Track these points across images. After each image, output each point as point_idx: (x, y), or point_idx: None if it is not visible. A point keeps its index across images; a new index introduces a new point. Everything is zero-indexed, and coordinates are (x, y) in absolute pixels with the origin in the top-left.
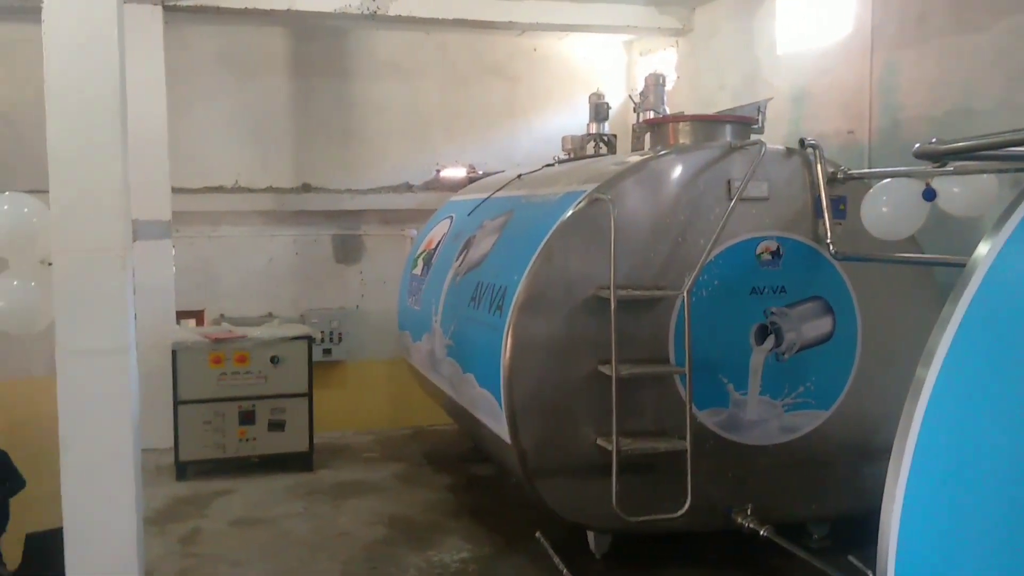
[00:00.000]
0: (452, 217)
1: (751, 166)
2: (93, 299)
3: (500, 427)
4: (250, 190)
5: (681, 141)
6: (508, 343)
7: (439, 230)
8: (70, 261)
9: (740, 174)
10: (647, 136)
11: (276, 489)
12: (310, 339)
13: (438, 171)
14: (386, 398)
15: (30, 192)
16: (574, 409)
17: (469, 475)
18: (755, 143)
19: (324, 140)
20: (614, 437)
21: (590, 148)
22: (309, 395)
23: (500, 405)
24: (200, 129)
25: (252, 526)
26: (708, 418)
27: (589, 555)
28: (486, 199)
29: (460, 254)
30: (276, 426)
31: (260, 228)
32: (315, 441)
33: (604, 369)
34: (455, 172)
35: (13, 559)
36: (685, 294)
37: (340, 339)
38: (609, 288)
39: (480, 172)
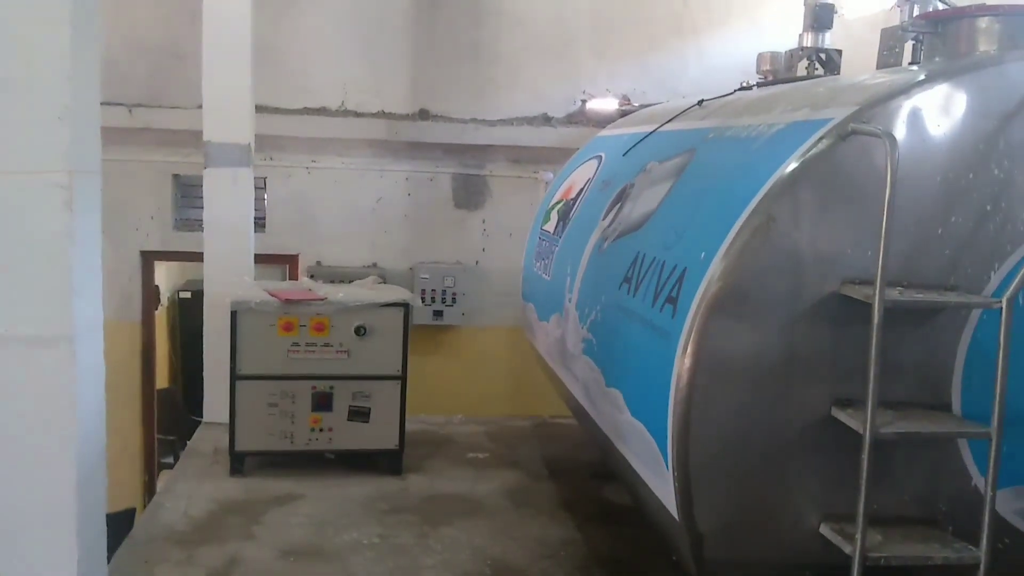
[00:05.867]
0: (601, 157)
1: None
2: (16, 254)
3: (662, 487)
4: (358, 114)
5: (982, 49)
6: (687, 360)
7: (582, 174)
8: None
9: None
10: (912, 45)
11: (351, 500)
12: (407, 307)
13: (584, 101)
14: (505, 376)
15: None
16: (786, 474)
17: (601, 502)
18: None
19: (449, 57)
20: (859, 531)
21: (802, 68)
22: (402, 379)
23: (664, 455)
24: (303, 37)
25: (307, 560)
26: (1006, 503)
27: None
28: (651, 132)
29: (610, 209)
30: (358, 415)
31: (368, 161)
32: (411, 427)
33: (844, 416)
34: (605, 104)
35: None
36: (1004, 303)
37: (454, 299)
38: (870, 284)
39: (636, 105)
